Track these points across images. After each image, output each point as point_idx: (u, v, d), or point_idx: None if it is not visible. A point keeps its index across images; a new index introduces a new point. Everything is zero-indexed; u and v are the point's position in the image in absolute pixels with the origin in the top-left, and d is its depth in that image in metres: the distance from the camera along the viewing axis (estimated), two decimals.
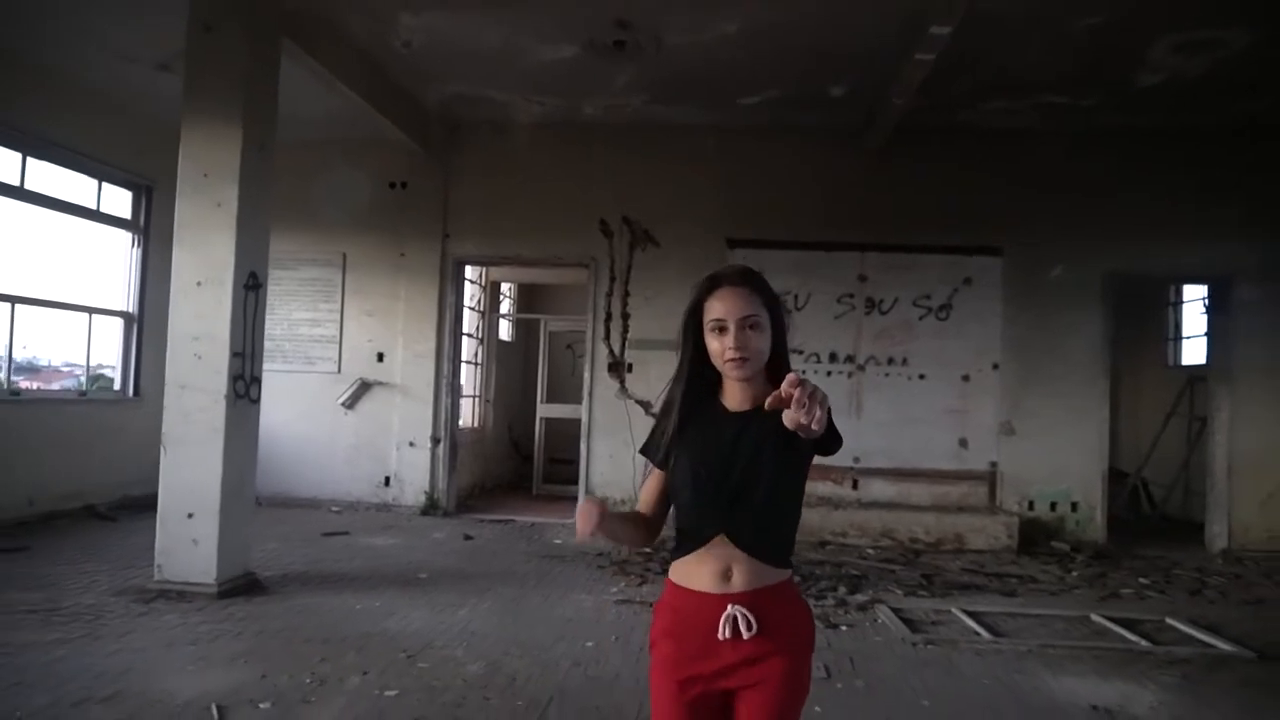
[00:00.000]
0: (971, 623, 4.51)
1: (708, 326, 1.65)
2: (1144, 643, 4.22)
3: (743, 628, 1.56)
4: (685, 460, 1.67)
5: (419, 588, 4.89)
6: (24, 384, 6.76)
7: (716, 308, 1.64)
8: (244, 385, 4.62)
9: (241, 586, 4.57)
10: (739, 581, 1.60)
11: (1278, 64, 5.81)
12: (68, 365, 7.46)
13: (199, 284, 4.51)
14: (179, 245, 4.55)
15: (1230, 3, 5.02)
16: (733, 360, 1.61)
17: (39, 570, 4.86)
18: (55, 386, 7.35)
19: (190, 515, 4.43)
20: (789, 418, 1.33)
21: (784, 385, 1.33)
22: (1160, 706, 3.39)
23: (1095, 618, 4.70)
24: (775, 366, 1.67)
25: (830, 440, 1.53)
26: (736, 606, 1.58)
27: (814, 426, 1.32)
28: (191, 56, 4.58)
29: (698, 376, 1.70)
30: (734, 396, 1.68)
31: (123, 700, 3.03)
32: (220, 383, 4.48)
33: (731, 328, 1.61)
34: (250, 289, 4.64)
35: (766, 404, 1.37)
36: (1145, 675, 3.76)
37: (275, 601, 4.46)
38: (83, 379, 7.16)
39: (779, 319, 1.68)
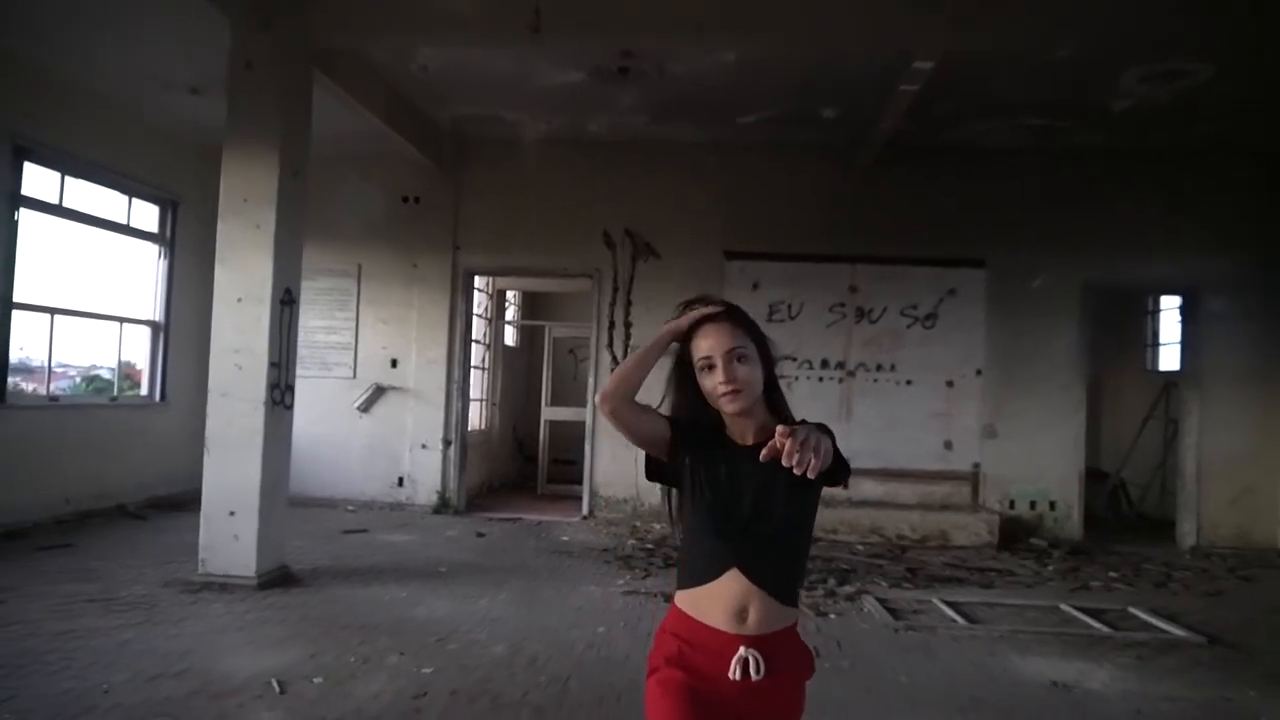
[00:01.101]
0: (950, 612, 4.92)
1: (697, 367, 1.68)
2: (1105, 629, 4.63)
3: (752, 671, 1.59)
4: (698, 495, 1.68)
5: (440, 580, 5.28)
6: (23, 385, 7.01)
7: (702, 346, 1.67)
8: (279, 393, 5.00)
9: (277, 579, 4.95)
10: (754, 623, 1.61)
11: (1238, 93, 6.23)
12: (61, 366, 7.76)
13: (239, 300, 4.89)
14: (221, 264, 4.93)
15: (1190, 40, 5.38)
16: (726, 393, 1.64)
17: (86, 565, 5.22)
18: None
19: (231, 513, 4.81)
20: (785, 463, 1.38)
21: (776, 436, 1.38)
22: (1112, 682, 3.80)
23: (1064, 607, 5.11)
24: (771, 394, 1.72)
25: (837, 472, 1.56)
26: (750, 650, 1.59)
27: (808, 475, 1.36)
28: (233, 90, 4.95)
29: (700, 418, 1.73)
30: (739, 431, 1.71)
31: (192, 676, 3.42)
32: (259, 391, 4.86)
33: (719, 362, 1.64)
34: (285, 304, 5.03)
35: (762, 456, 1.42)
36: (1103, 656, 4.17)
37: (310, 592, 4.84)
38: (78, 379, 7.50)
39: (765, 349, 1.72)
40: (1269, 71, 5.93)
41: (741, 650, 1.59)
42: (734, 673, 1.59)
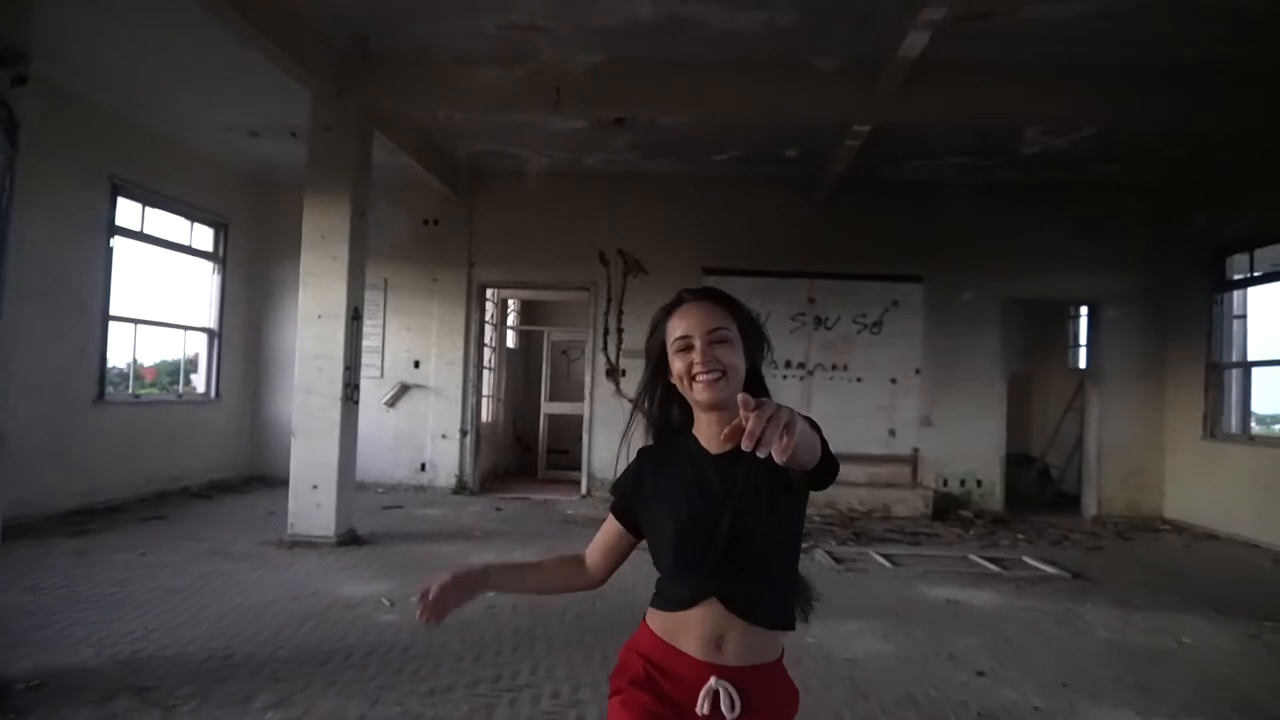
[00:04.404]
0: (881, 560, 6.28)
1: (672, 349, 1.47)
2: (998, 569, 6.02)
3: (724, 708, 1.40)
4: (664, 514, 1.48)
5: (479, 540, 6.55)
6: None
7: (679, 325, 1.47)
8: (350, 390, 6.23)
9: (350, 539, 6.19)
10: (731, 654, 1.42)
11: (1119, 144, 7.66)
12: None
13: (319, 316, 6.11)
14: (304, 288, 6.14)
15: (1075, 110, 6.75)
16: (704, 379, 1.42)
17: (188, 531, 6.41)
18: None
19: (315, 486, 6.03)
20: (746, 446, 1.08)
21: (740, 409, 1.11)
22: (991, 600, 5.18)
23: (972, 557, 6.50)
24: (752, 393, 1.36)
25: (825, 471, 1.36)
26: (721, 681, 1.41)
27: (779, 458, 1.09)
28: (313, 148, 6.16)
29: (666, 416, 1.56)
30: (712, 434, 1.48)
31: (322, 596, 4.67)
32: (336, 389, 6.08)
33: (698, 343, 1.43)
34: (354, 319, 6.25)
35: (723, 435, 1.14)
36: (989, 585, 5.56)
37: (378, 548, 6.08)
38: None
39: (750, 338, 1.49)
40: (1143, 131, 7.36)
41: (712, 681, 1.41)
42: (702, 706, 1.41)
